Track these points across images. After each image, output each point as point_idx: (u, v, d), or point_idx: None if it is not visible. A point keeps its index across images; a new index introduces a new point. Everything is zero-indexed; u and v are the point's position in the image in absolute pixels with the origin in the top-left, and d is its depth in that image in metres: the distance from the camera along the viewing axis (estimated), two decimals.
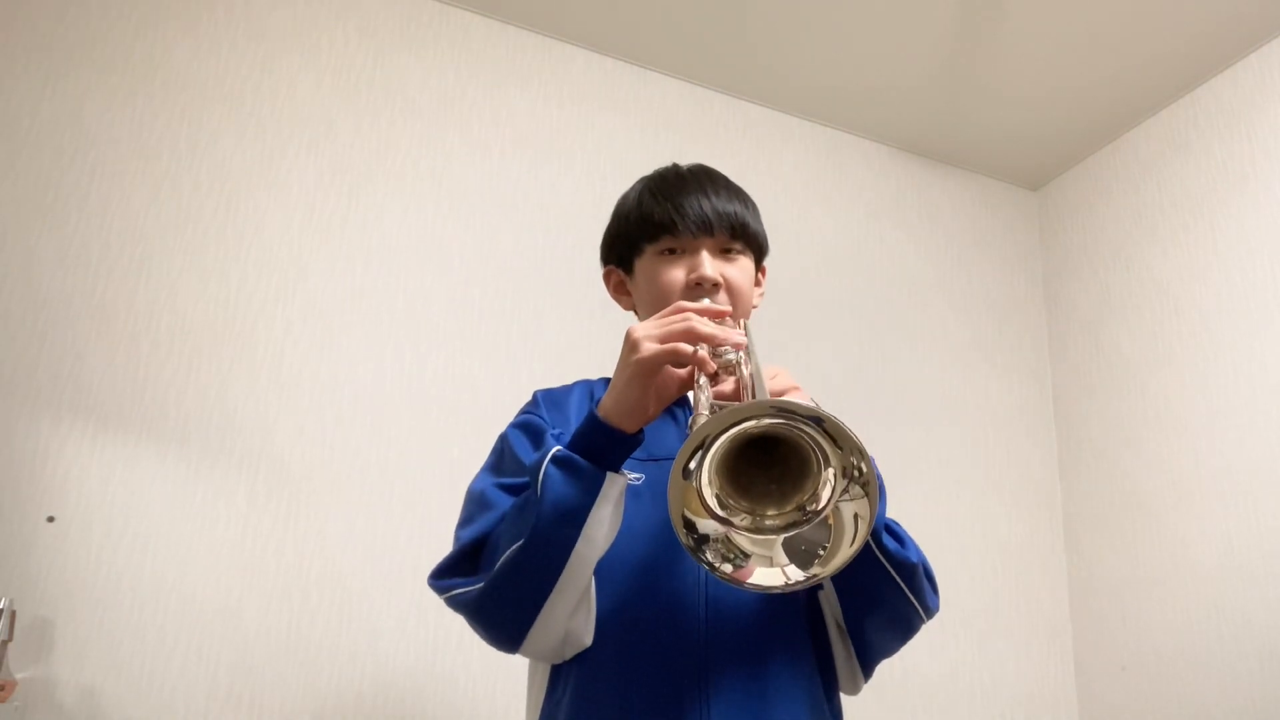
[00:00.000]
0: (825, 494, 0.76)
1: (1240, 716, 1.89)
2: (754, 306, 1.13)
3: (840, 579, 0.94)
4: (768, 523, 0.78)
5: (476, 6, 2.14)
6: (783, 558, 0.78)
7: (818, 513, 0.76)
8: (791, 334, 2.23)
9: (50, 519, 1.51)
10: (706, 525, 0.76)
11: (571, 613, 0.91)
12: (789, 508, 0.78)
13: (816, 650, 0.99)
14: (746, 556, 0.78)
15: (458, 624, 0.94)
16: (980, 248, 2.60)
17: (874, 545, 0.90)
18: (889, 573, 0.92)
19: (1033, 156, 2.59)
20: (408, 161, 1.98)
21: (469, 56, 2.11)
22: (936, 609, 0.99)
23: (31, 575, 1.47)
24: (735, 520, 0.77)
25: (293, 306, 1.79)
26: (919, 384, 2.37)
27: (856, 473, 0.75)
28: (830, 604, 0.99)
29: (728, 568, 0.77)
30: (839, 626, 1.00)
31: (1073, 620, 2.33)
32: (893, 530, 0.95)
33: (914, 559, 0.93)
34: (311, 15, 1.99)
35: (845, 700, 1.04)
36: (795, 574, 0.77)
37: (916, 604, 0.95)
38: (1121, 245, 2.41)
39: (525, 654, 0.94)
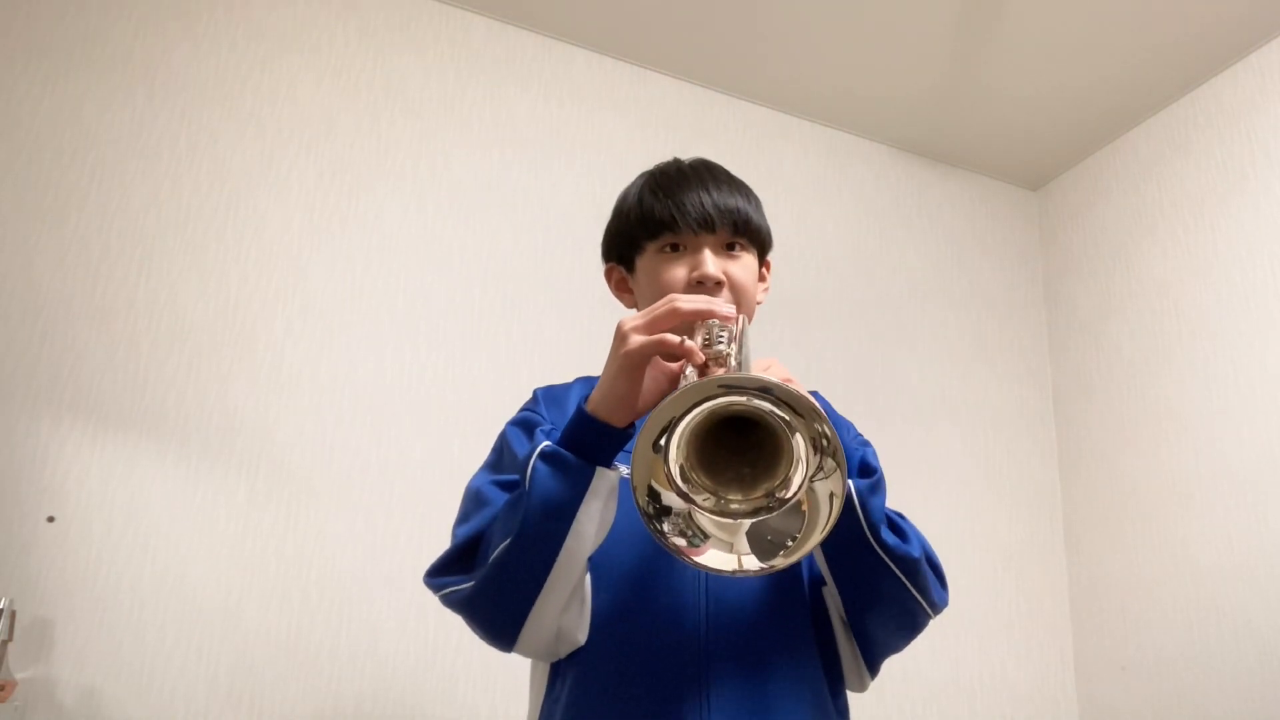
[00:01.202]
0: (797, 479, 0.74)
1: (1240, 716, 1.89)
2: (759, 302, 1.11)
3: (840, 575, 0.93)
4: (732, 506, 0.76)
5: (476, 6, 2.14)
6: (744, 545, 0.76)
7: (785, 500, 0.74)
8: (791, 334, 2.23)
9: (50, 519, 1.51)
10: (671, 498, 0.75)
11: (563, 609, 0.91)
12: (756, 494, 0.76)
13: (821, 648, 0.98)
14: (705, 537, 0.76)
15: (457, 624, 0.94)
16: (980, 248, 2.60)
17: (873, 540, 0.88)
18: (890, 568, 0.90)
19: (1033, 156, 2.59)
20: (408, 161, 1.98)
21: (469, 56, 2.11)
22: (944, 604, 0.97)
23: (31, 575, 1.47)
24: (697, 499, 0.75)
25: (293, 306, 1.79)
26: (919, 384, 2.37)
27: (825, 441, 0.72)
28: (834, 600, 0.97)
29: (680, 541, 0.76)
30: (844, 623, 0.98)
31: (1073, 620, 2.33)
32: (895, 524, 0.93)
33: (915, 553, 0.91)
34: (311, 15, 1.99)
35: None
36: (752, 563, 0.76)
37: (921, 599, 0.93)
38: (1121, 245, 2.41)
39: (520, 652, 0.94)
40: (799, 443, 0.73)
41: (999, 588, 2.27)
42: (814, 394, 1.08)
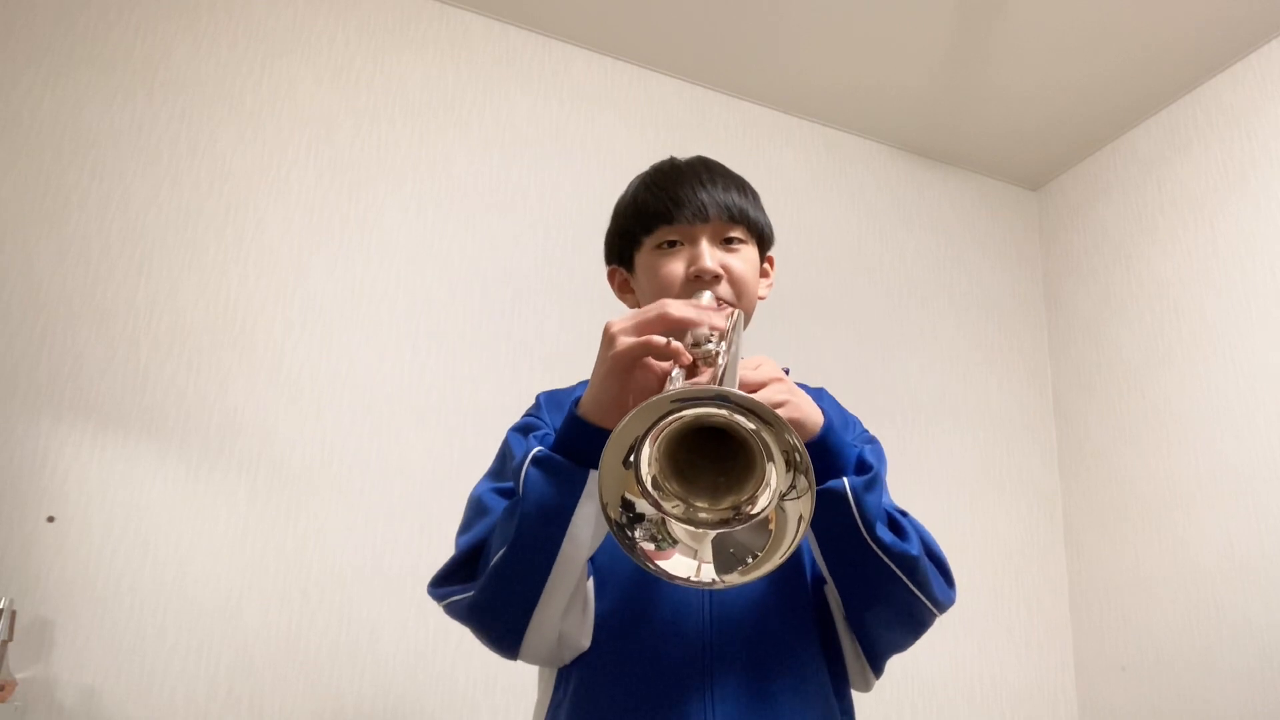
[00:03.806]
0: (764, 497, 0.72)
1: (1240, 716, 1.89)
2: (761, 298, 1.09)
3: (837, 573, 0.92)
4: (700, 515, 0.74)
5: (476, 6, 2.14)
6: (707, 553, 0.75)
7: (750, 516, 0.73)
8: (791, 334, 2.23)
9: (50, 519, 1.51)
10: (644, 506, 0.74)
11: (564, 614, 0.90)
12: (723, 505, 0.74)
13: (825, 648, 0.97)
14: (674, 543, 0.75)
15: (457, 624, 0.94)
16: (980, 248, 2.60)
17: (868, 537, 0.86)
18: (887, 565, 0.88)
19: (1033, 156, 2.59)
20: (408, 161, 1.97)
21: (469, 56, 2.11)
22: (950, 601, 0.95)
23: (31, 575, 1.47)
24: (666, 505, 0.73)
25: (293, 306, 1.79)
26: (919, 384, 2.37)
27: (796, 456, 0.69)
28: (836, 600, 0.96)
29: (649, 545, 0.74)
30: (846, 622, 0.97)
31: (1073, 620, 2.33)
32: (894, 521, 0.91)
33: (914, 550, 0.89)
34: (311, 15, 1.99)
35: None
36: (707, 574, 0.74)
37: (922, 597, 0.91)
38: (1121, 245, 2.41)
39: (525, 659, 0.93)
40: (772, 462, 0.71)
41: (999, 588, 2.27)
42: (820, 391, 1.07)
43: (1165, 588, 2.10)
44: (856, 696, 1.03)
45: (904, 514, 0.95)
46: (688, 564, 0.75)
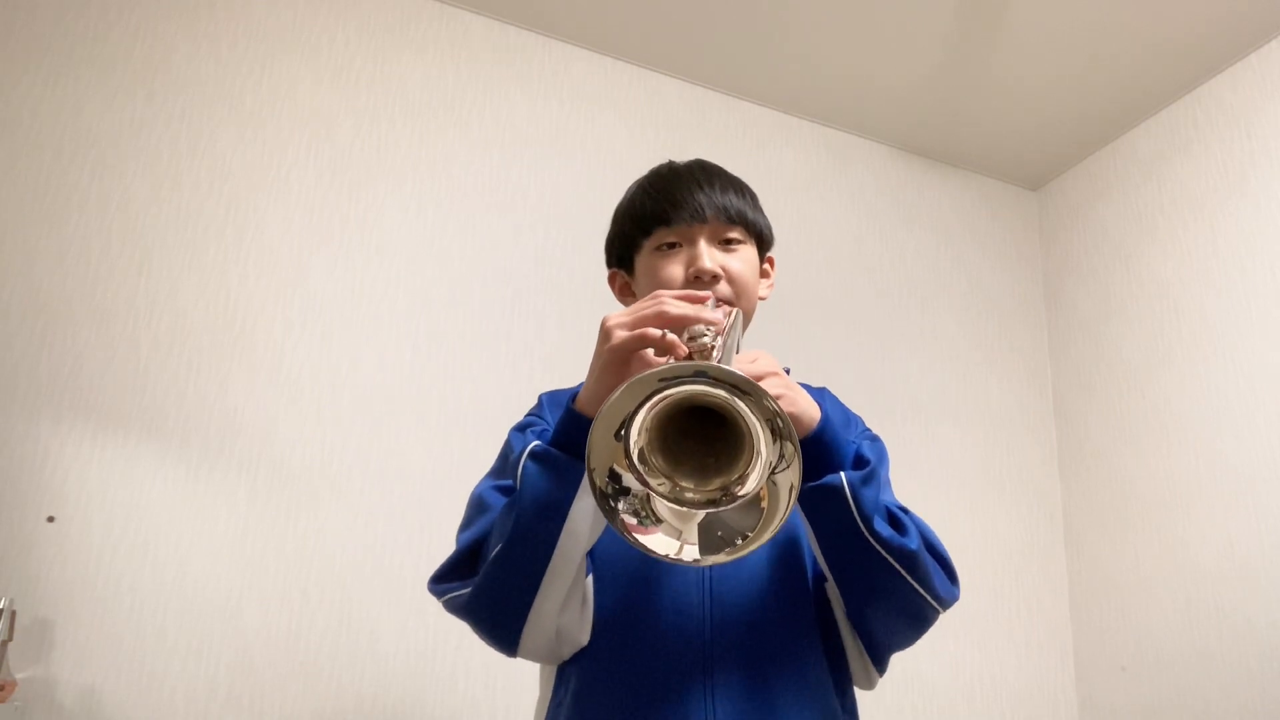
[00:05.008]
0: (754, 477, 0.73)
1: (1240, 716, 1.89)
2: (762, 298, 1.10)
3: (836, 569, 0.92)
4: (687, 495, 0.75)
5: (477, 6, 2.14)
6: (691, 535, 0.76)
7: (738, 496, 0.73)
8: (791, 334, 2.23)
9: (50, 519, 1.51)
10: (630, 480, 0.75)
11: (562, 609, 0.90)
12: (711, 486, 0.75)
13: (826, 645, 0.97)
14: (658, 521, 0.76)
15: (457, 624, 0.94)
16: (980, 248, 2.60)
17: (866, 532, 0.86)
18: (886, 561, 0.87)
19: (1033, 156, 2.59)
20: (408, 161, 1.97)
21: (469, 56, 2.11)
22: (953, 598, 0.94)
23: (31, 575, 1.47)
24: (652, 481, 0.74)
25: (293, 306, 1.79)
26: (919, 383, 2.37)
27: (780, 422, 0.70)
28: (837, 597, 0.96)
29: (631, 519, 0.75)
30: (847, 619, 0.97)
31: (1073, 620, 2.33)
32: (894, 516, 0.91)
33: (912, 546, 0.88)
34: (311, 15, 1.99)
35: None
36: (689, 554, 0.75)
37: (923, 593, 0.90)
38: (1121, 245, 2.41)
39: (524, 655, 0.93)
40: (759, 435, 0.72)
41: (999, 588, 2.27)
42: (822, 391, 1.08)
43: (1165, 588, 2.10)
44: (858, 696, 1.02)
45: (905, 510, 0.94)
46: (669, 543, 0.76)
